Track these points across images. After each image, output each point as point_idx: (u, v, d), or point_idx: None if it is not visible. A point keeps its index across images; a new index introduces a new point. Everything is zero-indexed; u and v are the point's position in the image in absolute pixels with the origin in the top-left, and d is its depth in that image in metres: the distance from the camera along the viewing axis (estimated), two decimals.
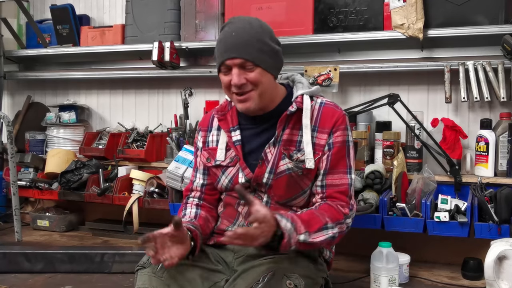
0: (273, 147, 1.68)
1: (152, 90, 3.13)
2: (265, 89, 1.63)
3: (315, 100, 1.71)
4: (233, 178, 1.73)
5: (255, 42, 1.59)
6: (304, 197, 1.70)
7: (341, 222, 1.61)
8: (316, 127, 1.67)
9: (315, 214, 1.58)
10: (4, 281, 2.00)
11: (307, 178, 1.68)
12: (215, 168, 1.77)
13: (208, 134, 1.82)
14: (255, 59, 1.59)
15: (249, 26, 1.62)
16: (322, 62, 2.61)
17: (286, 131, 1.68)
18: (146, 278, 1.55)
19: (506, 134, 2.26)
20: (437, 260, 2.34)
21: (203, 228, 1.69)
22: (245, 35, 1.60)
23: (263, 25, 1.66)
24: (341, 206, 1.63)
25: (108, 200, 2.71)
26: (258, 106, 1.65)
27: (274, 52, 1.65)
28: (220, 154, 1.75)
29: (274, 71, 1.66)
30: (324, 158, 1.66)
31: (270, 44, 1.63)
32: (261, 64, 1.60)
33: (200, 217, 1.73)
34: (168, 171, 2.50)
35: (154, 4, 2.87)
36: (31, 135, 3.18)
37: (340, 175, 1.66)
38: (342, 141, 1.66)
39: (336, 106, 1.71)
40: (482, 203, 2.06)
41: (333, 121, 1.66)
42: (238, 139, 1.72)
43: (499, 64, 2.25)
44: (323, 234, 1.55)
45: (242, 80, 1.59)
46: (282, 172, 1.66)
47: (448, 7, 2.31)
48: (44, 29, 3.25)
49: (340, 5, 2.50)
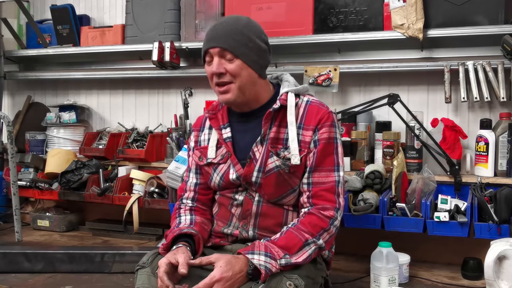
0: (260, 145, 1.69)
1: (152, 90, 3.13)
2: (245, 83, 1.64)
3: (301, 98, 1.72)
4: (224, 174, 1.74)
5: (237, 34, 1.62)
6: (294, 195, 1.70)
7: (326, 229, 1.60)
8: (302, 124, 1.67)
9: (293, 234, 1.57)
10: (4, 281, 2.00)
11: (295, 176, 1.68)
12: (207, 166, 1.78)
13: (200, 133, 1.84)
14: (234, 49, 1.61)
15: (235, 21, 1.66)
16: (322, 62, 2.62)
17: (273, 129, 1.68)
18: (145, 278, 1.55)
19: (506, 134, 2.26)
20: (437, 260, 2.34)
21: (202, 234, 1.69)
22: (228, 27, 1.64)
23: (252, 23, 1.67)
24: (324, 210, 1.61)
25: (108, 200, 2.71)
26: (239, 99, 1.66)
27: (259, 49, 1.65)
28: (210, 152, 1.77)
29: (257, 67, 1.66)
30: (310, 155, 1.66)
31: (255, 40, 1.64)
32: (241, 57, 1.62)
33: (196, 223, 1.72)
34: (168, 171, 2.51)
35: (154, 4, 2.87)
36: (31, 135, 3.18)
37: (327, 173, 1.65)
38: (328, 138, 1.65)
39: (322, 104, 1.71)
40: (482, 203, 2.06)
41: (318, 118, 1.66)
42: (228, 136, 1.74)
43: (499, 64, 2.25)
44: (305, 251, 1.55)
45: (221, 69, 1.62)
46: (271, 170, 1.67)
47: (448, 7, 2.31)
48: (44, 29, 3.25)
49: (340, 5, 2.51)
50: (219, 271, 1.44)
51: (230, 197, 1.76)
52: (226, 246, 1.76)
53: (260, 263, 1.47)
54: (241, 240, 1.74)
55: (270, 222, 1.71)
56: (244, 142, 1.72)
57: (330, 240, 1.64)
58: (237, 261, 1.48)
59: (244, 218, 1.73)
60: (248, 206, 1.72)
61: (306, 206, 1.66)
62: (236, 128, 1.75)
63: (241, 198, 1.73)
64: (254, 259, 1.48)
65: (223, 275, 1.43)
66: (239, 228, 1.73)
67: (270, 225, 1.70)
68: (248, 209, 1.71)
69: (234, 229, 1.75)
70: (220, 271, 1.44)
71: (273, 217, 1.70)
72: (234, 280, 1.45)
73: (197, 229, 1.68)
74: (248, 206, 1.72)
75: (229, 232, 1.76)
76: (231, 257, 1.50)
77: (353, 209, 2.16)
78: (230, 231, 1.76)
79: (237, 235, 1.74)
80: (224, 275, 1.43)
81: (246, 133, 1.73)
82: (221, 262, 1.46)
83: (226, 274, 1.44)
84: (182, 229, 1.65)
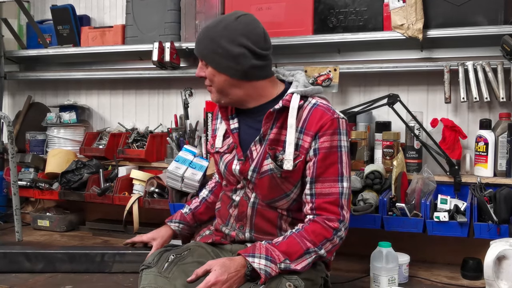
0: (259, 144, 1.68)
1: (152, 90, 3.13)
2: (221, 87, 1.67)
3: (309, 100, 1.66)
4: (228, 164, 1.75)
5: (208, 42, 1.64)
6: (287, 200, 1.68)
7: (330, 239, 1.58)
8: (303, 129, 1.63)
9: (295, 240, 1.56)
10: (5, 281, 2.00)
11: (288, 182, 1.65)
12: (216, 154, 1.83)
13: (216, 122, 1.89)
14: (205, 57, 1.66)
15: (214, 26, 1.65)
16: (322, 63, 2.62)
17: (274, 129, 1.66)
18: (151, 278, 1.55)
19: (506, 134, 2.26)
20: (437, 260, 2.34)
21: (201, 216, 2.04)
22: (203, 33, 1.67)
23: (230, 26, 1.62)
24: (329, 221, 1.58)
25: (109, 200, 2.71)
26: (224, 100, 1.71)
27: (230, 54, 1.61)
28: (218, 141, 1.81)
29: (232, 72, 1.63)
30: (310, 164, 1.62)
31: (226, 46, 1.60)
32: (211, 64, 1.65)
33: (204, 203, 2.04)
34: (168, 171, 2.51)
35: (154, 4, 2.87)
36: (32, 135, 3.18)
37: (330, 184, 1.60)
38: (330, 147, 1.60)
39: (328, 109, 1.63)
40: (482, 203, 2.06)
41: (319, 124, 1.60)
42: (236, 127, 1.75)
43: (498, 64, 2.26)
44: (305, 259, 1.55)
45: (200, 73, 1.70)
46: (265, 172, 1.65)
47: (447, 7, 2.31)
48: (45, 30, 3.25)
49: (340, 5, 2.51)
50: (214, 275, 1.45)
51: (229, 196, 1.77)
52: (226, 246, 1.76)
53: (260, 267, 1.46)
54: (238, 241, 1.75)
55: (265, 224, 1.70)
56: (247, 136, 1.72)
57: (332, 250, 1.62)
58: (232, 263, 1.48)
59: (240, 220, 1.73)
60: (243, 208, 1.72)
61: (310, 215, 1.64)
62: (243, 121, 1.76)
63: (238, 199, 1.74)
64: (255, 263, 1.47)
65: (218, 278, 1.44)
66: (236, 230, 1.74)
67: (266, 227, 1.70)
68: (243, 211, 1.72)
69: (231, 230, 1.75)
70: (215, 274, 1.44)
71: (268, 219, 1.70)
72: (231, 282, 1.45)
73: (200, 210, 2.03)
74: (243, 208, 1.72)
75: (227, 232, 1.77)
76: (225, 260, 1.50)
77: (353, 209, 2.16)
78: (228, 231, 1.77)
79: (234, 236, 1.74)
80: (219, 278, 1.44)
81: (250, 127, 1.73)
82: (216, 266, 1.47)
83: (221, 277, 1.44)
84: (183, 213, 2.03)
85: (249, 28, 1.63)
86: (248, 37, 1.61)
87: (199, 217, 2.03)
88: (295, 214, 1.71)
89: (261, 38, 1.64)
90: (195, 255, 1.66)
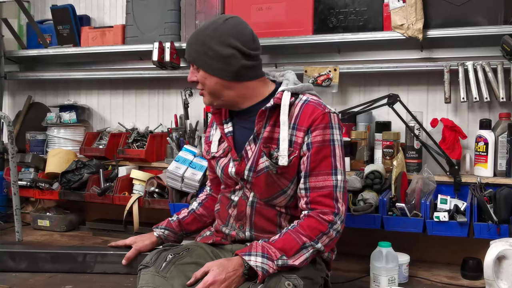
0: (253, 144, 1.70)
1: (153, 90, 3.13)
2: (213, 90, 1.69)
3: (300, 97, 1.69)
4: (224, 168, 1.77)
5: (198, 45, 1.66)
6: (284, 197, 1.69)
7: (325, 232, 1.59)
8: (296, 125, 1.65)
9: (291, 237, 1.57)
10: (5, 280, 2.01)
11: (284, 178, 1.67)
12: (212, 160, 1.85)
13: (211, 129, 1.90)
14: (195, 60, 1.68)
15: (204, 29, 1.67)
16: (322, 63, 2.62)
17: (267, 128, 1.68)
18: (149, 277, 1.56)
19: (506, 134, 2.26)
20: (437, 260, 2.34)
21: (188, 226, 2.00)
22: (193, 37, 1.69)
23: (220, 28, 1.64)
24: (323, 214, 1.59)
25: (109, 200, 2.72)
26: (216, 102, 1.73)
27: (221, 56, 1.63)
28: (213, 146, 1.83)
29: (224, 74, 1.65)
30: (304, 159, 1.64)
31: (216, 48, 1.62)
32: (202, 67, 1.67)
33: (192, 215, 2.01)
34: (168, 171, 2.51)
35: (154, 4, 2.87)
36: (32, 135, 3.18)
37: (324, 177, 1.61)
38: (322, 141, 1.62)
39: (319, 104, 1.66)
40: (482, 203, 2.07)
41: (311, 119, 1.62)
42: (230, 130, 1.77)
43: (498, 64, 2.26)
44: (302, 254, 1.55)
45: (192, 78, 1.72)
46: (261, 170, 1.67)
47: (447, 7, 2.31)
48: (45, 30, 3.25)
49: (340, 5, 2.51)
50: (212, 275, 1.46)
51: (228, 197, 1.78)
52: (226, 246, 1.77)
53: (257, 264, 1.47)
54: (239, 241, 1.75)
55: (264, 222, 1.71)
56: (242, 138, 1.74)
57: (330, 243, 1.62)
58: (229, 263, 1.50)
59: (239, 219, 1.74)
60: (242, 207, 1.73)
61: (305, 210, 1.65)
62: (237, 124, 1.78)
63: (236, 199, 1.74)
64: (251, 261, 1.48)
65: (216, 278, 1.45)
66: (236, 230, 1.75)
67: (265, 225, 1.71)
68: (242, 211, 1.73)
69: (231, 230, 1.76)
70: (213, 274, 1.46)
71: (267, 218, 1.71)
72: (229, 281, 1.46)
73: (187, 221, 1.99)
74: (242, 208, 1.73)
75: (227, 232, 1.78)
76: (223, 260, 1.52)
77: (353, 209, 2.17)
78: (228, 231, 1.77)
79: (235, 236, 1.75)
80: (217, 278, 1.45)
81: (244, 128, 1.74)
82: (214, 266, 1.48)
83: (219, 276, 1.45)
84: (169, 220, 2.01)
85: (237, 29, 1.65)
86: (237, 38, 1.64)
87: (186, 226, 2.01)
88: (293, 212, 1.72)
89: (250, 39, 1.67)
90: (193, 255, 1.66)
